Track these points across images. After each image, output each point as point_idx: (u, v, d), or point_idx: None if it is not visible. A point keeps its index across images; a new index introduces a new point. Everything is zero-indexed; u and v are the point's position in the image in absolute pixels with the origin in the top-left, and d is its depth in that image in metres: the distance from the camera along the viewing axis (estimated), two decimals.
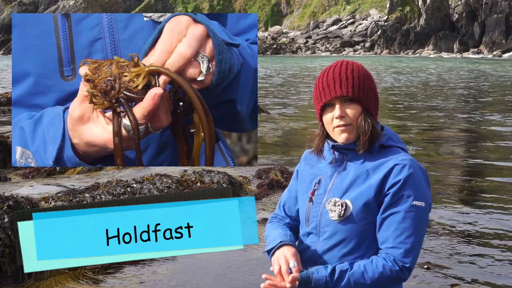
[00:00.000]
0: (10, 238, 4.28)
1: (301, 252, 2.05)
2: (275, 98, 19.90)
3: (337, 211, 1.94)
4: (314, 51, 74.30)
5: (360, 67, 2.01)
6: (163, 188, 6.20)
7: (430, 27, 71.52)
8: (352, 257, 1.95)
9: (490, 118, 14.48)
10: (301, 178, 2.12)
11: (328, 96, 1.96)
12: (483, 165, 8.75)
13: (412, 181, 1.91)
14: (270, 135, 11.26)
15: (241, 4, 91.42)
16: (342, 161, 2.02)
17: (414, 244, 1.90)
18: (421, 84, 26.72)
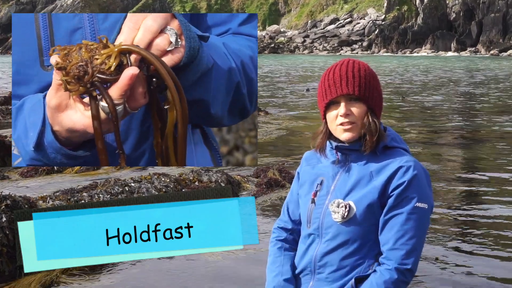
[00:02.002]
0: (8, 237, 4.27)
1: (302, 254, 2.05)
2: (275, 98, 19.90)
3: (340, 213, 1.94)
4: (311, 50, 74.27)
5: (367, 67, 2.01)
6: (161, 187, 6.20)
7: (428, 26, 71.54)
8: (354, 259, 1.95)
9: (488, 117, 14.50)
10: (302, 180, 2.11)
11: (334, 94, 1.95)
12: (482, 164, 8.76)
13: (416, 183, 1.91)
14: (269, 135, 11.26)
15: (239, 3, 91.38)
16: (345, 162, 2.01)
17: (416, 245, 1.90)
18: (419, 84, 26.75)
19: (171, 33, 2.62)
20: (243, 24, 3.26)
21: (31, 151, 2.74)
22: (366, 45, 73.31)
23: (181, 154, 2.73)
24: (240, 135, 4.67)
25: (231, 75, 2.98)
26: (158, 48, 2.60)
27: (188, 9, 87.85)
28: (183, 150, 2.72)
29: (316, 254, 1.99)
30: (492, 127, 12.64)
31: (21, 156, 2.83)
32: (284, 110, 15.84)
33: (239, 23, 3.25)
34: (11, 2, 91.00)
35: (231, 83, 2.99)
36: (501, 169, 8.33)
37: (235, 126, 4.50)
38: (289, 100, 19.11)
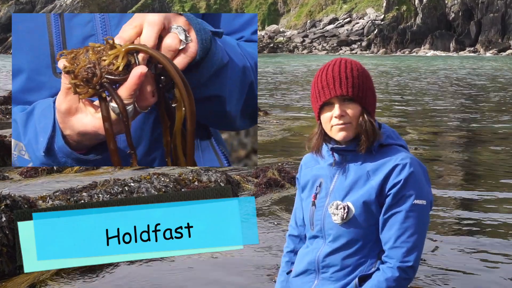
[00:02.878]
0: (7, 237, 4.28)
1: (305, 254, 2.06)
2: (274, 97, 19.89)
3: (339, 214, 1.95)
4: (311, 50, 74.22)
5: (359, 66, 2.00)
6: (160, 187, 6.20)
7: (427, 26, 71.50)
8: (356, 259, 1.96)
9: (487, 117, 14.50)
10: (303, 183, 2.12)
11: (327, 95, 1.95)
12: (481, 165, 8.77)
13: (413, 180, 1.91)
14: (269, 135, 11.25)
15: (238, 3, 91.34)
16: (342, 163, 2.01)
17: (417, 242, 1.91)
18: (418, 83, 26.75)
19: (178, 30, 2.58)
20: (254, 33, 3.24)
21: (41, 156, 2.75)
22: (365, 45, 73.28)
23: (190, 152, 2.72)
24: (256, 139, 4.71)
25: (246, 74, 2.97)
26: (170, 49, 2.57)
27: (187, 8, 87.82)
28: (192, 147, 2.71)
29: (319, 255, 2.01)
30: (492, 127, 12.64)
31: (32, 160, 2.83)
32: (284, 110, 15.83)
33: (252, 32, 3.23)
34: (10, 2, 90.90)
35: (246, 81, 2.98)
36: (501, 168, 8.33)
37: (252, 130, 4.52)
38: (289, 100, 19.10)
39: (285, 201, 6.34)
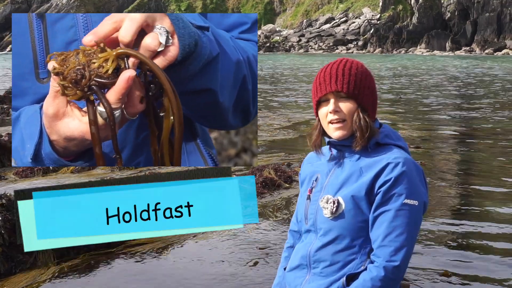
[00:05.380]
0: (3, 237, 4.32)
1: (299, 249, 2.08)
2: (274, 97, 19.89)
3: (329, 208, 1.96)
4: (307, 49, 74.28)
5: (360, 65, 2.03)
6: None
7: (423, 25, 71.63)
8: (345, 255, 1.95)
9: (485, 115, 14.54)
10: (302, 178, 2.16)
11: (323, 91, 1.99)
12: (479, 165, 8.79)
13: (404, 179, 1.90)
14: (268, 134, 11.25)
15: (234, 2, 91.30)
16: (339, 158, 2.04)
17: (405, 242, 1.88)
18: (416, 83, 26.80)
19: (160, 31, 2.53)
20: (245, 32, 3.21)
21: (28, 163, 2.72)
22: (361, 44, 73.39)
23: (177, 161, 2.70)
24: (248, 137, 4.70)
25: (239, 67, 2.94)
26: (147, 49, 2.51)
27: (183, 8, 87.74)
28: (178, 157, 2.69)
29: (311, 249, 2.02)
30: (489, 124, 12.68)
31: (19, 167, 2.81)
32: (284, 110, 15.82)
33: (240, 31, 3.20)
34: (6, 1, 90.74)
35: (239, 74, 2.94)
36: (500, 168, 8.35)
37: (243, 129, 4.50)
38: (289, 100, 19.09)
39: (282, 201, 6.33)
